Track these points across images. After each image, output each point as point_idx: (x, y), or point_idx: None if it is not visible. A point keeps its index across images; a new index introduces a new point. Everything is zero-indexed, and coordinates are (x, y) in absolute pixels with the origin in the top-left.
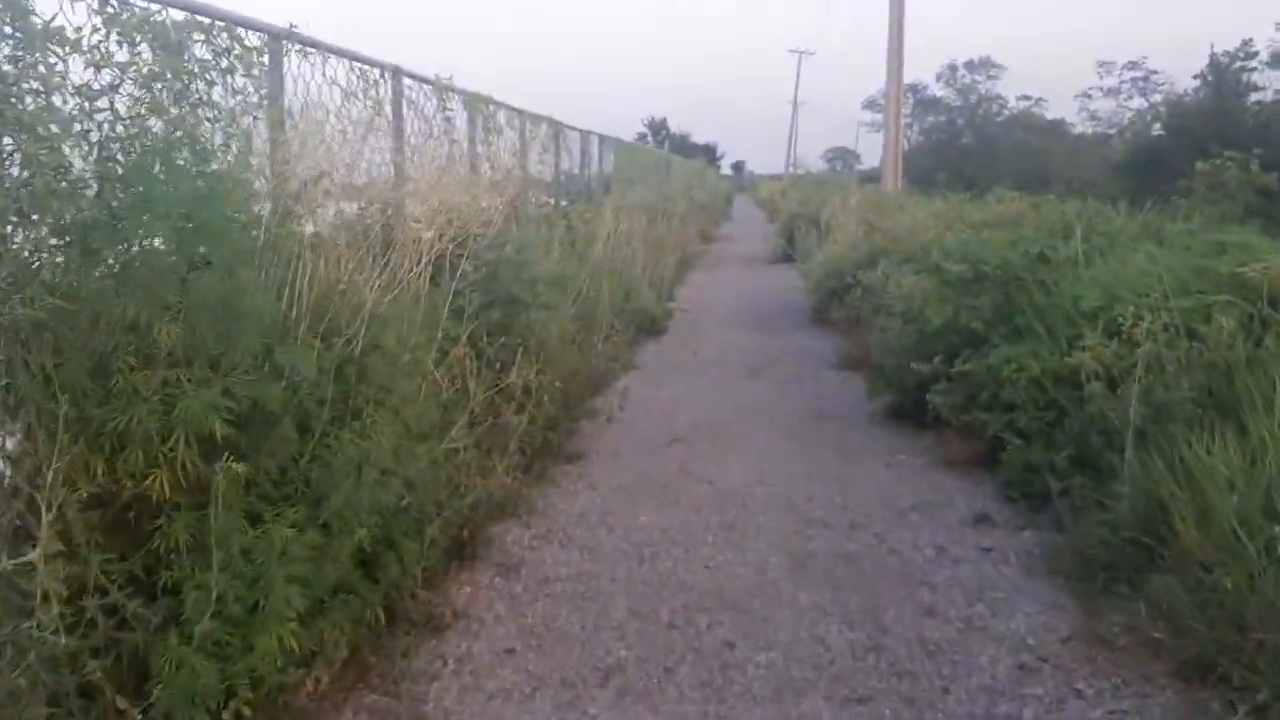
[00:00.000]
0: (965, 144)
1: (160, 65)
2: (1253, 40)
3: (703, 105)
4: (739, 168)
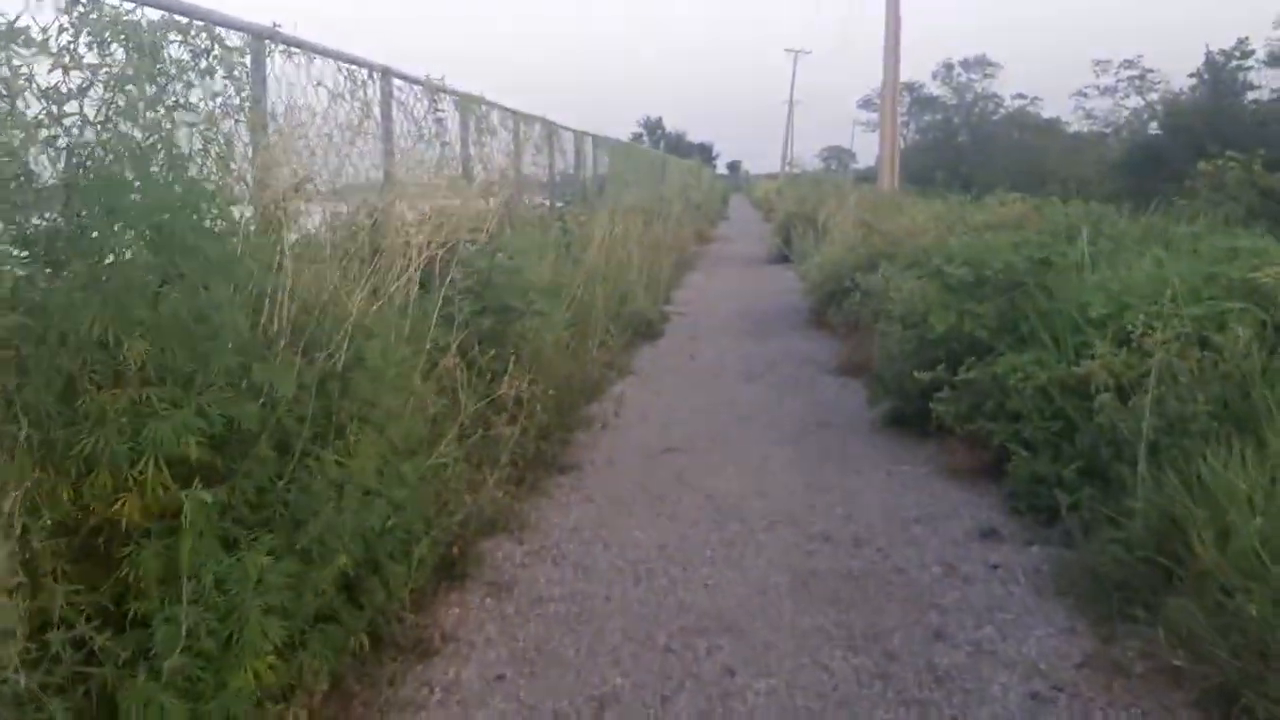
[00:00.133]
0: (961, 143)
1: (134, 67)
2: (1249, 39)
3: (698, 105)
4: (735, 167)
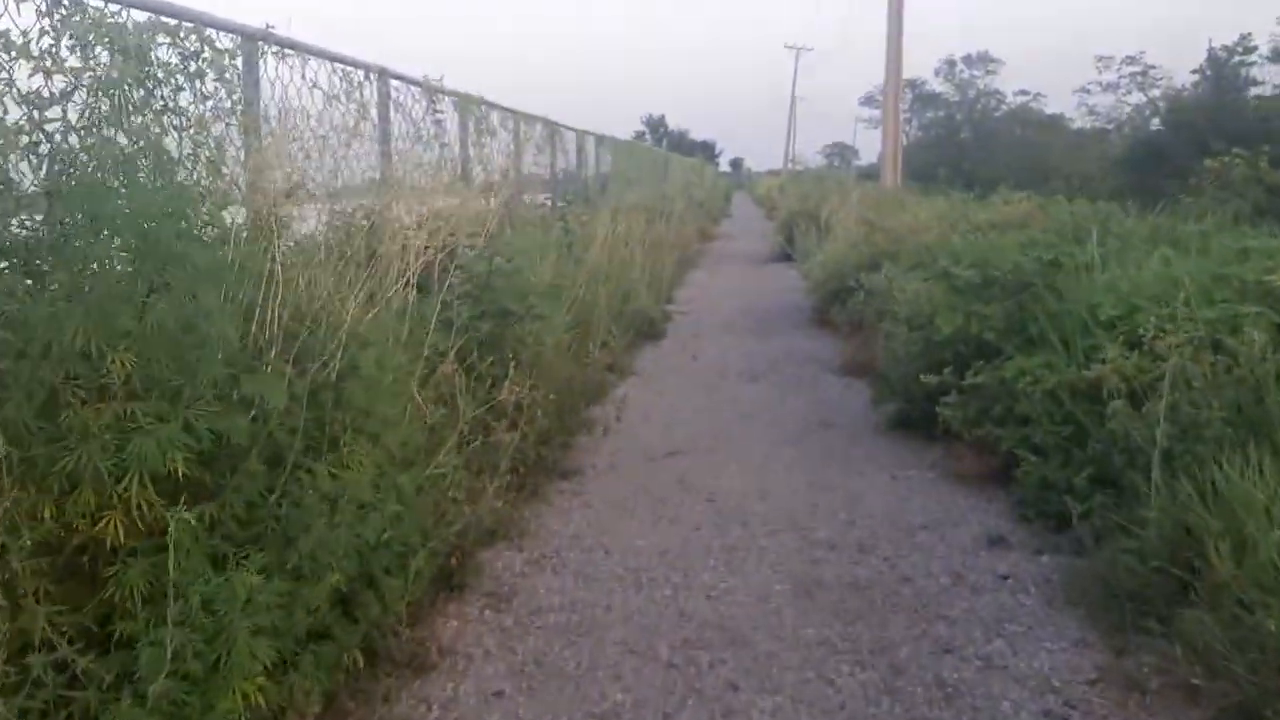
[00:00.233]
0: (964, 139)
1: (119, 71)
2: (1251, 35)
3: (701, 103)
4: (737, 164)
